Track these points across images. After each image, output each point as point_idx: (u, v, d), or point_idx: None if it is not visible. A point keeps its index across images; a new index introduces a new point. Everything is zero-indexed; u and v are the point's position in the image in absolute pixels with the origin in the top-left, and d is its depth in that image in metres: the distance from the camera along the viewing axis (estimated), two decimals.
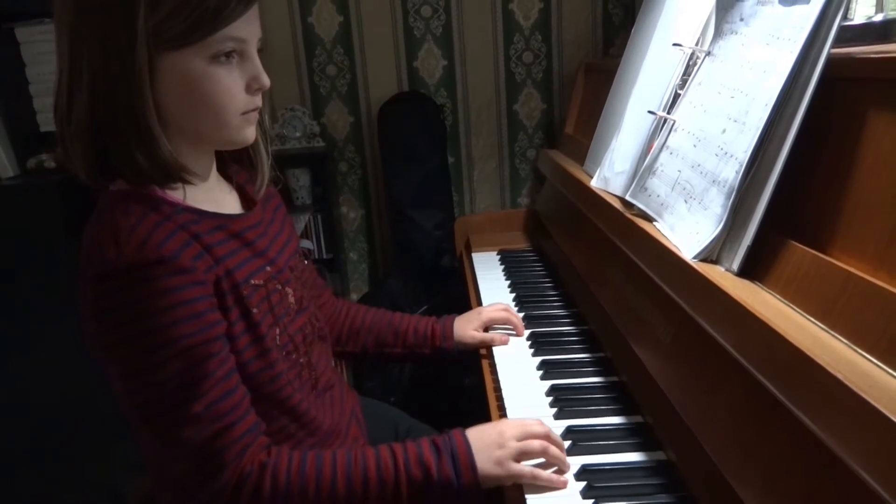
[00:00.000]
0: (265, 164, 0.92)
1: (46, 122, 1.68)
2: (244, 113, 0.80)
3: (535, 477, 0.82)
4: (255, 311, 0.82)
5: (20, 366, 1.61)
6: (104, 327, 0.74)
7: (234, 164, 0.94)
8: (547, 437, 0.85)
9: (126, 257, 0.72)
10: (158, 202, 0.77)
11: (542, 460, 0.85)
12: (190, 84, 0.75)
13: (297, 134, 2.18)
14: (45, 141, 1.68)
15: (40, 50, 1.63)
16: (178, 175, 0.78)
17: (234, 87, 0.78)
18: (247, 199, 0.93)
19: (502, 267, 1.64)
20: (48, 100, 1.65)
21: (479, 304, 1.43)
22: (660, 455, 0.87)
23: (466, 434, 0.85)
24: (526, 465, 0.83)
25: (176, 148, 0.77)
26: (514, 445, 0.83)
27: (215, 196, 0.87)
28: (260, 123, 0.86)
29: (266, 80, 0.80)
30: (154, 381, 0.74)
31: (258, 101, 0.81)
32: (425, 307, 2.06)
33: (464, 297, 1.58)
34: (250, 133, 0.83)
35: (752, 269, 0.77)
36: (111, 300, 0.73)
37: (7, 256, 1.56)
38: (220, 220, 0.83)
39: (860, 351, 0.58)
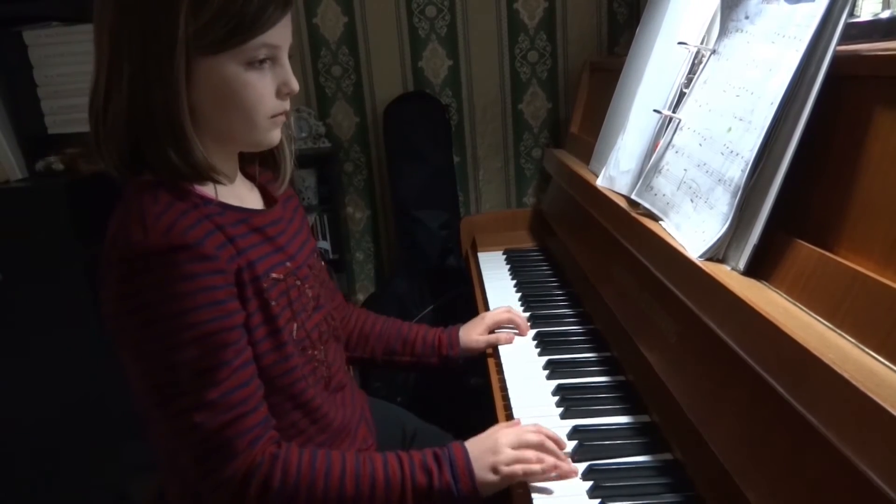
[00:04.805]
0: (288, 162, 0.96)
1: (54, 124, 1.69)
2: (273, 116, 0.83)
3: (527, 474, 0.83)
4: (273, 304, 0.84)
5: (28, 366, 1.62)
6: (125, 309, 0.75)
7: (258, 164, 0.96)
8: (541, 445, 0.86)
9: (151, 241, 0.74)
10: (186, 192, 0.80)
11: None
12: (224, 88, 0.78)
13: (303, 135, 2.18)
14: (53, 143, 1.69)
15: (48, 53, 1.64)
16: (208, 175, 0.80)
17: (266, 92, 0.80)
18: (267, 198, 0.96)
19: (508, 266, 1.64)
20: (56, 102, 1.68)
21: (486, 303, 1.43)
22: (666, 455, 0.87)
23: (465, 444, 0.86)
24: (519, 466, 0.84)
25: (206, 148, 0.80)
26: (509, 453, 0.84)
27: (239, 192, 0.90)
28: (285, 125, 0.88)
29: (295, 85, 0.83)
30: (170, 365, 0.75)
31: (287, 105, 0.84)
32: (431, 307, 2.06)
33: (470, 296, 1.58)
34: (276, 135, 0.86)
35: (758, 268, 0.76)
36: (134, 282, 0.74)
37: (15, 258, 1.57)
38: (243, 214, 0.86)
39: (867, 350, 0.58)
